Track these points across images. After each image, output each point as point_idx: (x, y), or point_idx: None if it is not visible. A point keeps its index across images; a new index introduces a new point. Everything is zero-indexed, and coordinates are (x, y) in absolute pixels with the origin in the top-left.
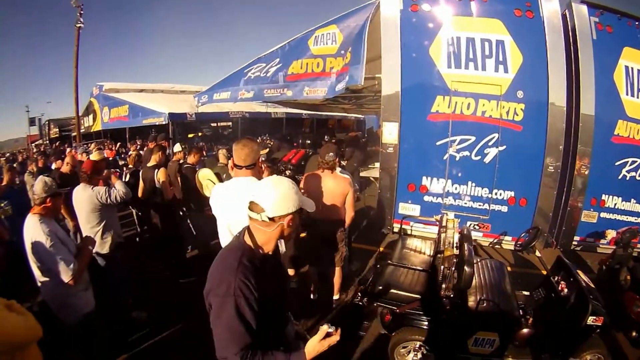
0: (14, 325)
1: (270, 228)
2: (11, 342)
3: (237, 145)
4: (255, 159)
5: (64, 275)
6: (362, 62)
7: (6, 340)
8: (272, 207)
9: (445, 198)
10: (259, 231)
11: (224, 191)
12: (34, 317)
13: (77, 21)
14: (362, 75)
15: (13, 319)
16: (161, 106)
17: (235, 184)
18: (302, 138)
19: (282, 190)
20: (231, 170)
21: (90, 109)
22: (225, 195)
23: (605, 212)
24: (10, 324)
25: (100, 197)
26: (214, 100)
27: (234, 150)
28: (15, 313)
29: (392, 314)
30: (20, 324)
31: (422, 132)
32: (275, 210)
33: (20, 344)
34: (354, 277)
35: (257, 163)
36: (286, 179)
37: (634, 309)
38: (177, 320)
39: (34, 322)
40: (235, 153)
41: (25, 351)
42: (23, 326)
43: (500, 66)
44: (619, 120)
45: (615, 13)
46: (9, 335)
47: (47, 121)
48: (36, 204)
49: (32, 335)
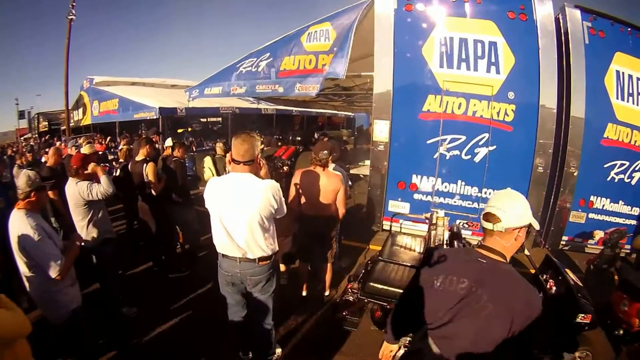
0: (2, 320)
1: (504, 240)
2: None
3: (237, 140)
4: (254, 155)
5: (51, 270)
6: (346, 55)
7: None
8: (514, 218)
9: (435, 196)
10: (497, 243)
11: (218, 185)
12: (23, 313)
13: (68, 13)
14: (344, 68)
15: (1, 314)
16: (152, 100)
17: (231, 179)
18: (292, 135)
19: (524, 203)
20: (228, 164)
21: (80, 102)
22: (219, 189)
23: (593, 213)
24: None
25: (82, 192)
26: (205, 95)
27: (233, 145)
28: (4, 308)
29: (383, 310)
30: (9, 319)
31: (413, 131)
32: (515, 222)
33: (8, 339)
34: (344, 274)
35: (255, 159)
36: (519, 193)
37: (620, 307)
38: (167, 316)
39: (22, 318)
40: (234, 148)
41: (14, 346)
42: (12, 322)
43: (492, 67)
44: (608, 124)
45: (608, 19)
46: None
47: (36, 114)
48: (20, 198)
49: (21, 330)
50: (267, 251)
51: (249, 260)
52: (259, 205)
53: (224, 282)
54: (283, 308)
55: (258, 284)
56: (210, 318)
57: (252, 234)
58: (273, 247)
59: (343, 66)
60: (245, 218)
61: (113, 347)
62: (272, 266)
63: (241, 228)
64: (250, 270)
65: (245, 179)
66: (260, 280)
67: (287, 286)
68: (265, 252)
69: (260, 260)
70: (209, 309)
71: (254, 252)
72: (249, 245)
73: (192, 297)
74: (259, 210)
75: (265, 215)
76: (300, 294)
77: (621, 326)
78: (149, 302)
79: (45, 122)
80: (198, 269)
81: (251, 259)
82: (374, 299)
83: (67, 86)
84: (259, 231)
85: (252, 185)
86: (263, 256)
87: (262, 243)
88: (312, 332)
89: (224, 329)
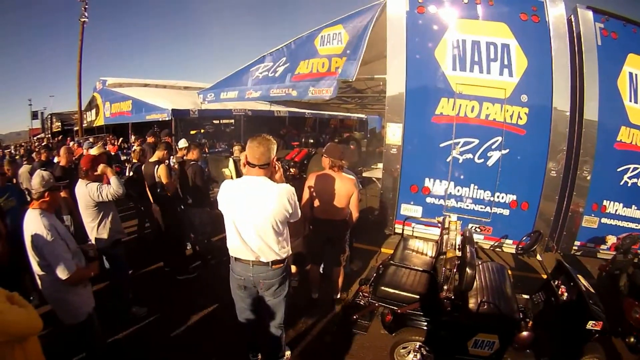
0: (15, 317)
1: None
2: (11, 333)
3: (252, 143)
4: (269, 158)
5: (60, 272)
6: (358, 58)
7: (7, 331)
8: None
9: (448, 200)
10: None
11: (233, 188)
12: (34, 310)
13: (81, 15)
14: (355, 70)
15: (14, 311)
16: (164, 102)
17: (246, 182)
18: (305, 137)
19: None
20: (243, 167)
21: (93, 103)
22: (233, 193)
23: (606, 217)
24: (11, 316)
25: (92, 194)
26: (222, 99)
27: (248, 147)
28: (16, 305)
29: (393, 314)
30: (22, 317)
31: (426, 134)
32: None
33: (20, 336)
34: (354, 277)
35: (271, 162)
36: None
37: (632, 314)
38: (177, 316)
39: (35, 315)
40: (250, 150)
41: (25, 343)
42: (24, 319)
43: (505, 70)
44: (621, 127)
45: (620, 19)
46: (9, 327)
47: (49, 115)
48: (34, 198)
49: (33, 327)
50: (281, 255)
51: (262, 264)
52: (274, 209)
53: (236, 286)
54: (293, 310)
55: (270, 288)
56: (219, 319)
57: (265, 237)
58: (286, 250)
59: (354, 68)
60: (259, 222)
61: (122, 347)
62: (284, 270)
63: (255, 232)
64: (263, 274)
65: (260, 183)
66: (273, 284)
67: (298, 288)
68: (278, 256)
69: (274, 264)
70: (218, 310)
71: (267, 256)
72: (263, 249)
73: (202, 298)
74: (273, 214)
75: (280, 220)
76: (311, 296)
77: (632, 333)
78: (159, 303)
79: (58, 123)
80: (208, 271)
81: (264, 263)
82: (384, 303)
83: (80, 87)
84: (272, 235)
85: (267, 189)
86: (276, 260)
87: (275, 247)
88: (321, 335)
89: (233, 331)
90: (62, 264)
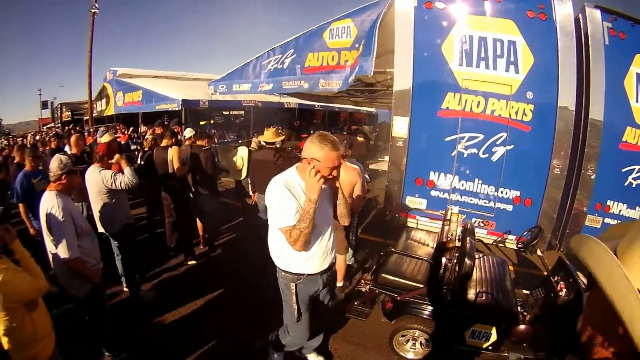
0: (18, 281)
1: None
2: (20, 300)
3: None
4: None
5: (61, 250)
6: (372, 53)
7: (16, 296)
8: None
9: (452, 194)
10: None
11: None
12: (41, 272)
13: (92, 6)
14: (371, 66)
15: (20, 275)
16: (174, 92)
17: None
18: (315, 129)
19: None
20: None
21: (103, 93)
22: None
23: (609, 217)
24: (19, 281)
25: (106, 181)
26: (234, 92)
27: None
28: (27, 272)
29: (393, 301)
30: (26, 281)
31: (432, 128)
32: None
33: (21, 301)
34: (358, 267)
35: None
36: None
37: None
38: (184, 301)
39: (40, 279)
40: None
41: (33, 316)
42: (27, 285)
43: (511, 66)
44: (627, 127)
45: (629, 20)
46: (16, 294)
47: (59, 104)
48: (52, 180)
49: (34, 293)
50: None
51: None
52: None
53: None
54: None
55: None
56: (224, 304)
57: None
58: None
59: (370, 64)
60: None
61: (130, 329)
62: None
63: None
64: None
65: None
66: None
67: None
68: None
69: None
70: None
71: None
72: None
73: (207, 284)
74: None
75: None
76: None
77: None
78: (166, 287)
79: (68, 112)
80: (214, 258)
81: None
82: (385, 289)
83: (91, 77)
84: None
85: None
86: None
87: None
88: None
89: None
90: (66, 244)
